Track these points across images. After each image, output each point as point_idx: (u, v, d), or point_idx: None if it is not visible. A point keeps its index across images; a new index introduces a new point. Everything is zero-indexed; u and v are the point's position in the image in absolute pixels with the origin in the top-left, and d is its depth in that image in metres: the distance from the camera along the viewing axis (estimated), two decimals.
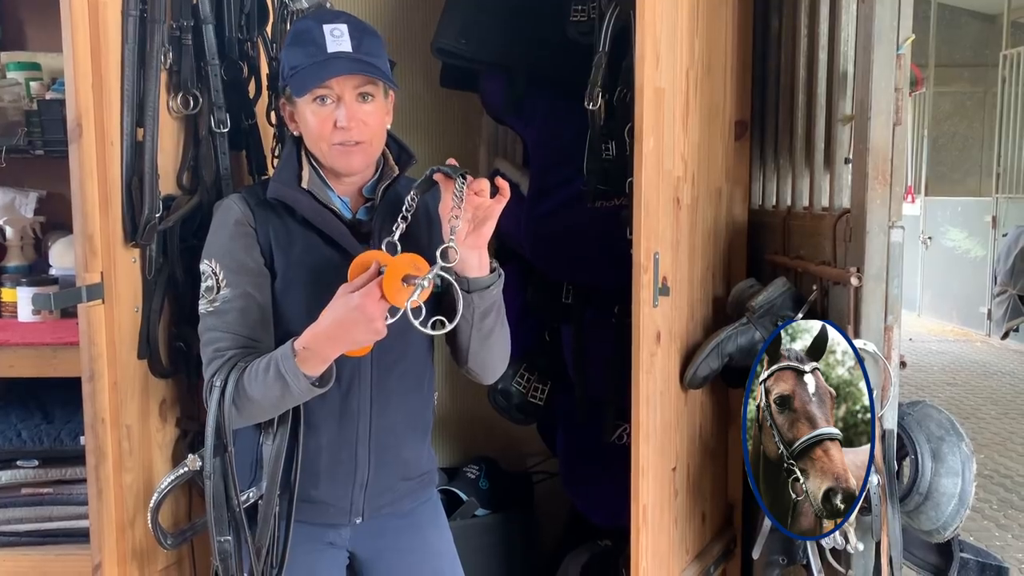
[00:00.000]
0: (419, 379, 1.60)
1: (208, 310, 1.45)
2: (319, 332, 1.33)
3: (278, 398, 1.39)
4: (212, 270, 1.45)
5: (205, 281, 1.45)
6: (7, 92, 2.12)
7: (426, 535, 1.66)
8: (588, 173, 2.04)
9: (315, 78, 1.41)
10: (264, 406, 1.41)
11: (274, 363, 1.36)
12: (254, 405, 1.40)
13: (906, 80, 1.65)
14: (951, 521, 1.68)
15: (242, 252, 1.46)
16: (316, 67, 1.41)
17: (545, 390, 2.46)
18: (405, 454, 1.60)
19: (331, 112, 1.43)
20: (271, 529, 1.49)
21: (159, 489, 1.51)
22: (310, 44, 1.43)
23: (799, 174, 2.14)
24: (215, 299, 1.44)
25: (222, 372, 1.41)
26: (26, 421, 1.91)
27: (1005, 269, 7.34)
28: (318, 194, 1.49)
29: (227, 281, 1.44)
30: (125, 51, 1.53)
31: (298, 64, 1.43)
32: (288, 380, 1.35)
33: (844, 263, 1.74)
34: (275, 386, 1.36)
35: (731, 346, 1.90)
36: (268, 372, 1.37)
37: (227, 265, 1.45)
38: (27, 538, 1.89)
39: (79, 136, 1.47)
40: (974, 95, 10.12)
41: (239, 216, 1.48)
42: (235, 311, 1.44)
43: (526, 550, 2.70)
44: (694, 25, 1.91)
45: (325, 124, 1.43)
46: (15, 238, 2.25)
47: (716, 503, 2.21)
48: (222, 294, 1.44)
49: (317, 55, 1.42)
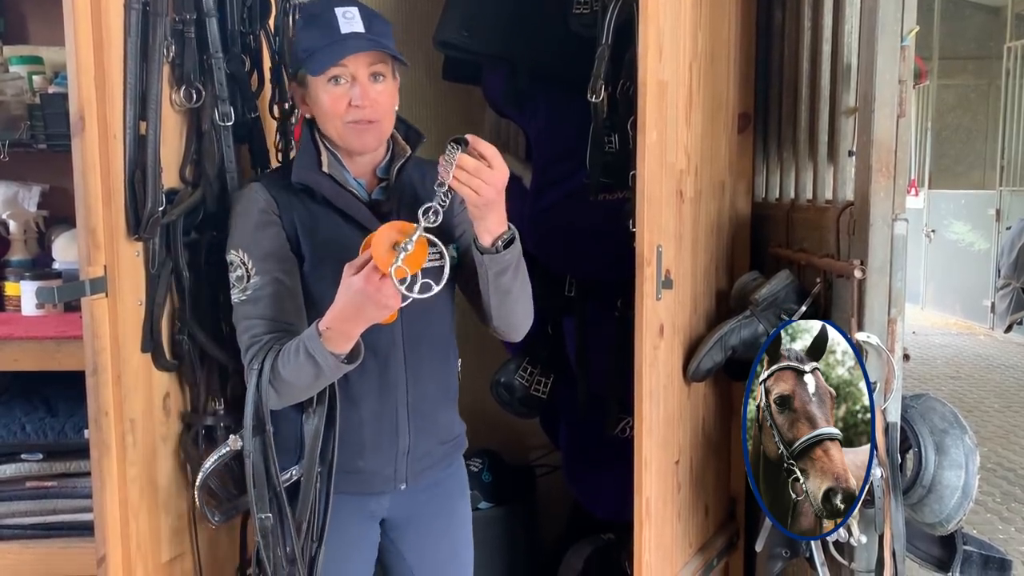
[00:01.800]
0: (445, 348, 1.68)
1: (241, 299, 1.50)
2: (336, 315, 1.38)
3: (312, 377, 1.44)
4: (240, 260, 1.50)
5: (234, 271, 1.51)
6: (9, 86, 2.12)
7: (455, 505, 1.76)
8: (591, 166, 2.04)
9: (332, 56, 1.46)
10: (300, 386, 1.46)
11: (303, 345, 1.41)
12: (290, 386, 1.46)
13: (910, 72, 1.65)
14: (954, 514, 1.68)
15: (269, 240, 1.52)
16: (332, 47, 1.46)
17: (548, 383, 2.46)
18: (441, 419, 1.69)
19: (345, 91, 1.49)
20: (311, 504, 1.55)
21: (204, 469, 1.58)
22: (324, 26, 1.49)
23: (802, 167, 2.14)
24: (246, 287, 1.50)
25: (259, 356, 1.46)
26: (30, 415, 1.91)
27: (1009, 262, 7.33)
28: (337, 177, 1.55)
29: (256, 269, 1.50)
30: (127, 44, 1.53)
31: (312, 46, 1.48)
32: (318, 359, 1.40)
33: (847, 256, 1.73)
34: (307, 366, 1.41)
35: (734, 339, 1.90)
36: (299, 354, 1.42)
37: (255, 254, 1.50)
38: (32, 531, 1.90)
39: (82, 130, 1.47)
40: (978, 87, 10.08)
41: (263, 204, 1.53)
42: (266, 297, 1.49)
43: (529, 543, 2.71)
44: (697, 17, 1.90)
45: (339, 103, 1.49)
46: (18, 232, 2.25)
47: (719, 496, 2.21)
48: (252, 282, 1.49)
49: (331, 36, 1.47)
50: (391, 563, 1.73)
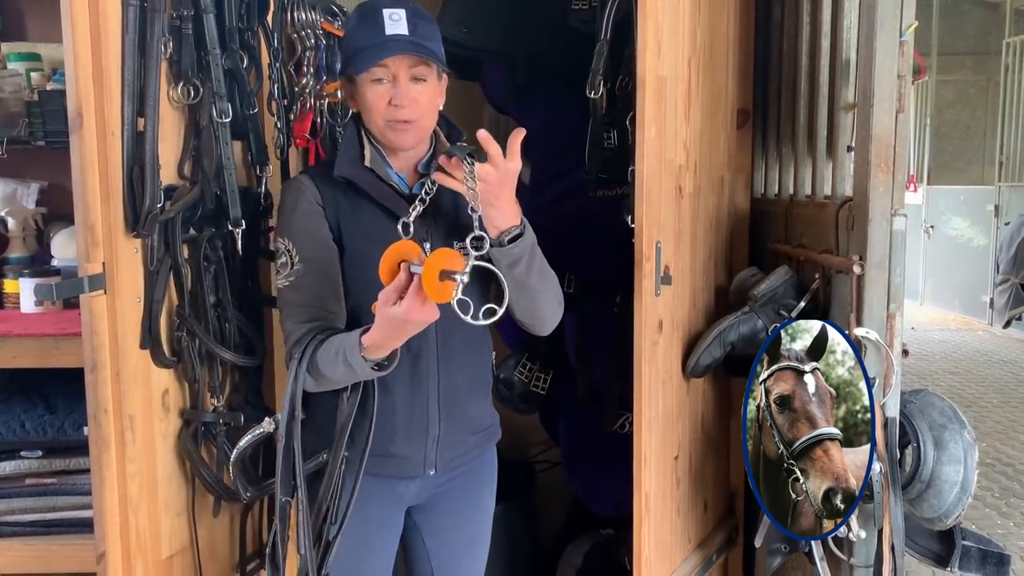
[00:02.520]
0: (479, 342, 1.72)
1: (285, 284, 1.57)
2: (380, 335, 1.43)
3: (346, 379, 1.53)
4: (286, 247, 1.56)
5: (280, 258, 1.57)
6: (7, 83, 2.12)
7: (481, 495, 1.79)
8: (589, 162, 2.04)
9: (373, 57, 1.52)
10: (336, 381, 1.54)
11: (343, 352, 1.48)
12: (326, 379, 1.53)
13: (909, 68, 1.65)
14: (953, 509, 1.68)
15: (312, 229, 1.58)
16: (376, 48, 1.52)
17: (547, 379, 2.47)
18: (471, 410, 1.72)
19: (387, 91, 1.54)
20: (333, 487, 1.58)
21: (239, 447, 1.63)
22: (372, 26, 1.54)
23: (801, 162, 2.14)
24: (291, 274, 1.56)
25: (300, 345, 1.53)
26: (29, 412, 1.91)
27: (1007, 258, 7.33)
28: (379, 171, 1.61)
29: (300, 257, 1.56)
30: (125, 41, 1.52)
31: (359, 45, 1.54)
32: (355, 367, 1.47)
33: (846, 251, 1.73)
34: (343, 369, 1.49)
35: (733, 335, 1.90)
36: (338, 357, 1.49)
37: (300, 242, 1.57)
38: (31, 528, 1.90)
39: (80, 126, 1.46)
40: (977, 83, 10.08)
41: (308, 195, 1.59)
42: (309, 285, 1.56)
43: (528, 539, 2.71)
44: (696, 13, 1.90)
45: (380, 101, 1.54)
46: (17, 229, 2.25)
47: (718, 492, 2.21)
48: (296, 269, 1.56)
49: (376, 37, 1.53)
50: (411, 544, 1.77)
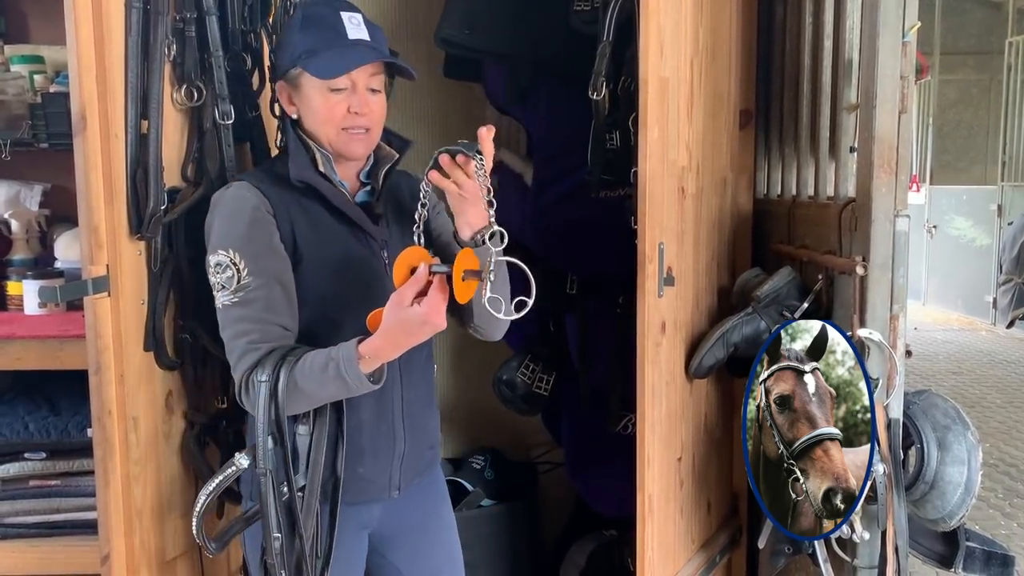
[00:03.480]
0: (429, 352, 1.66)
1: (232, 301, 1.42)
2: (384, 341, 1.35)
3: (333, 395, 1.42)
4: (231, 260, 1.42)
5: (222, 272, 1.42)
6: (11, 85, 2.12)
7: (441, 510, 1.75)
8: (592, 163, 2.04)
9: (343, 63, 1.44)
10: (314, 400, 1.43)
11: (334, 364, 1.36)
12: (304, 399, 1.41)
13: (911, 68, 1.65)
14: (957, 510, 1.68)
15: (263, 239, 1.45)
16: (343, 52, 1.44)
17: (550, 380, 2.46)
18: (429, 424, 1.67)
19: (344, 98, 1.47)
20: (314, 515, 1.47)
21: (206, 492, 1.44)
22: (327, 29, 1.46)
23: (804, 163, 2.13)
24: (238, 289, 1.42)
25: (265, 366, 1.39)
26: (33, 414, 1.92)
27: (1010, 258, 7.32)
28: (331, 178, 1.53)
29: (249, 269, 1.42)
30: (129, 43, 1.53)
31: (316, 47, 1.45)
32: (349, 381, 1.36)
33: (849, 252, 1.73)
34: (333, 384, 1.38)
35: (736, 336, 1.90)
36: (326, 372, 1.37)
37: (248, 253, 1.43)
38: (35, 530, 1.90)
39: (83, 129, 1.47)
40: (979, 83, 10.07)
41: (255, 202, 1.46)
42: (261, 300, 1.42)
43: (531, 540, 2.71)
44: (698, 14, 1.90)
45: (337, 108, 1.47)
46: (20, 231, 2.25)
47: (721, 493, 2.21)
48: (244, 283, 1.42)
49: (337, 41, 1.45)
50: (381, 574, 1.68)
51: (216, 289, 1.44)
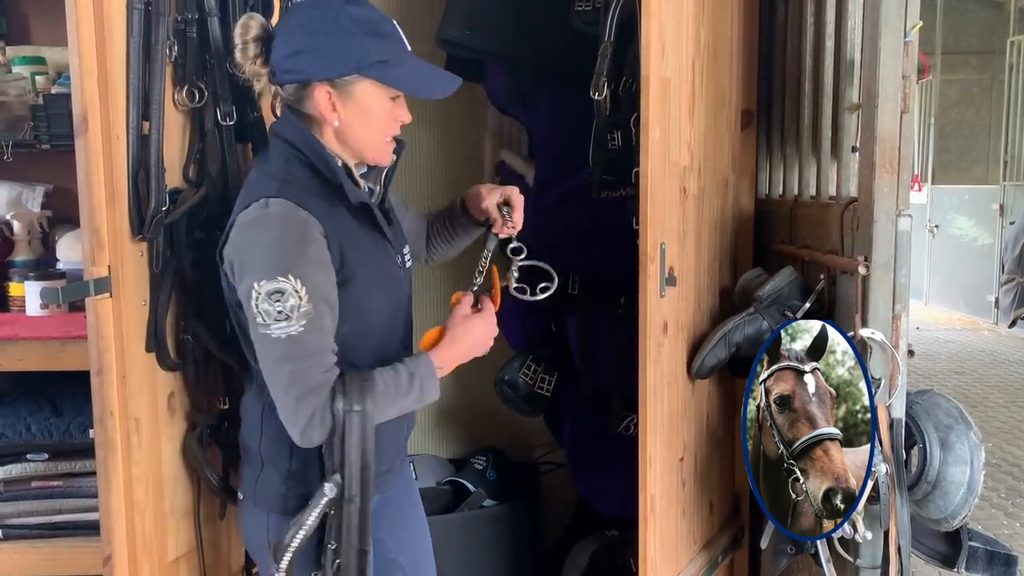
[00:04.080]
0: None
1: (296, 331, 1.36)
2: (456, 353, 1.54)
3: (406, 409, 1.51)
4: (293, 287, 1.36)
5: (284, 301, 1.35)
6: (12, 86, 2.12)
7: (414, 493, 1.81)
8: (593, 163, 2.04)
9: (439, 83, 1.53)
10: (387, 417, 1.47)
11: (418, 381, 1.47)
12: (380, 418, 1.44)
13: (913, 67, 1.64)
14: (959, 510, 1.67)
15: (320, 263, 1.41)
16: (418, 67, 1.49)
17: (551, 381, 2.46)
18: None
19: (397, 107, 1.51)
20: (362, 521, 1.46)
21: (305, 526, 1.42)
22: (393, 39, 1.47)
23: (806, 163, 2.13)
24: (300, 317, 1.36)
25: (351, 395, 1.39)
26: (35, 415, 1.92)
27: (1012, 257, 7.31)
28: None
29: (309, 296, 1.37)
30: (130, 44, 1.53)
31: (388, 58, 1.44)
32: (426, 395, 1.49)
33: (851, 252, 1.73)
34: (412, 400, 1.48)
35: (738, 336, 1.89)
36: (411, 391, 1.47)
37: (307, 278, 1.38)
38: (38, 531, 1.90)
39: (85, 130, 1.47)
40: (981, 82, 10.07)
41: (310, 223, 1.41)
42: (321, 327, 1.40)
43: (533, 541, 2.71)
44: (700, 14, 1.90)
45: (390, 117, 1.50)
46: (22, 232, 2.26)
47: (724, 493, 2.21)
48: (305, 311, 1.37)
49: (406, 53, 1.48)
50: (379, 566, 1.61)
51: (273, 318, 1.36)
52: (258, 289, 1.36)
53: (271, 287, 1.36)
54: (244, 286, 1.39)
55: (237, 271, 1.41)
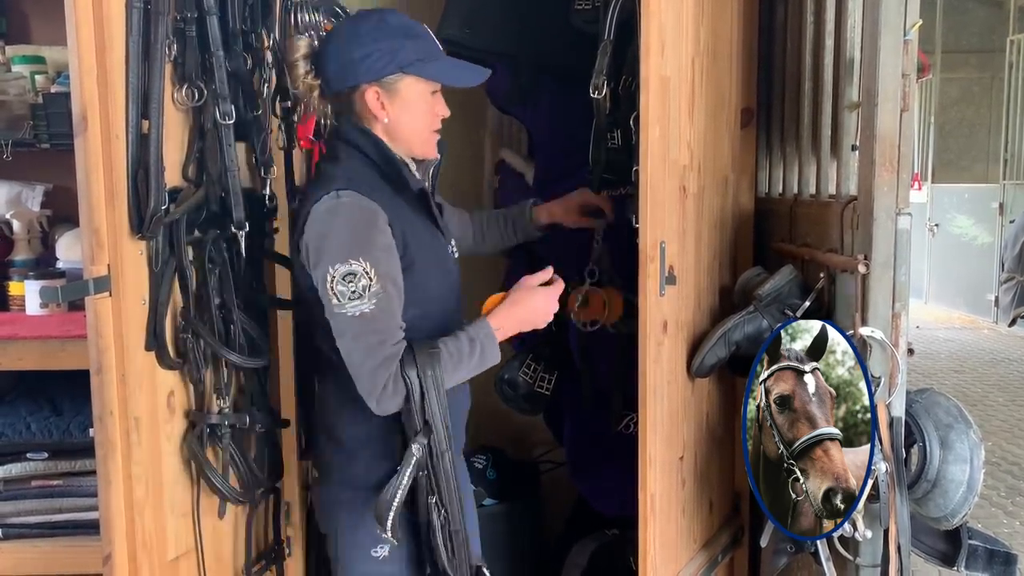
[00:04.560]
0: None
1: (369, 308, 1.52)
2: (514, 319, 1.63)
3: (470, 374, 1.62)
4: (364, 269, 1.52)
5: (356, 281, 1.51)
6: (12, 86, 2.12)
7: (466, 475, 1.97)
8: (593, 162, 2.04)
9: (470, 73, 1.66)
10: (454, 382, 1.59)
11: (479, 346, 1.58)
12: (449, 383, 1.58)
13: (913, 66, 1.64)
14: (959, 509, 1.67)
15: (386, 245, 1.57)
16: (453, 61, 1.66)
17: (551, 380, 2.46)
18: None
19: (436, 101, 1.66)
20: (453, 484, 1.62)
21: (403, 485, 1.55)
22: (427, 39, 1.64)
23: (805, 161, 2.13)
24: (372, 296, 1.52)
25: (422, 362, 1.53)
26: (35, 414, 1.92)
27: (1012, 256, 7.32)
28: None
29: (379, 276, 1.53)
30: (129, 43, 1.53)
31: (425, 56, 1.61)
32: (488, 359, 1.60)
33: (851, 250, 1.73)
34: (475, 364, 1.59)
35: (738, 334, 1.89)
36: (473, 355, 1.58)
37: (376, 260, 1.53)
38: (37, 530, 1.90)
39: (84, 129, 1.47)
40: (981, 81, 10.07)
41: (377, 211, 1.57)
42: (390, 304, 1.55)
43: (533, 539, 2.71)
44: (699, 13, 1.90)
45: (432, 110, 1.65)
46: (22, 231, 2.26)
47: (723, 492, 2.21)
48: (375, 290, 1.52)
49: (438, 49, 1.65)
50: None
51: (347, 298, 1.52)
52: (332, 272, 1.52)
53: (344, 270, 1.52)
54: (320, 271, 1.54)
55: (312, 257, 1.56)
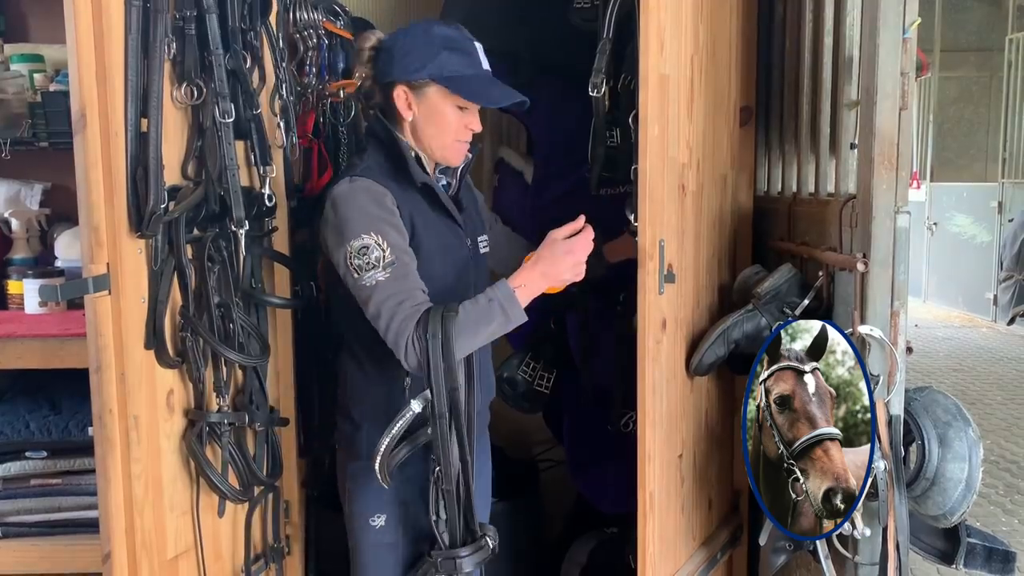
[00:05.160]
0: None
1: (385, 276, 1.60)
2: (534, 272, 1.64)
3: (493, 333, 1.63)
4: (376, 242, 1.61)
5: (369, 254, 1.61)
6: (11, 84, 2.12)
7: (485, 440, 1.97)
8: (592, 160, 2.04)
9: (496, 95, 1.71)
10: (477, 342, 1.62)
11: (497, 304, 1.60)
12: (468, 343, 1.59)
13: (912, 64, 1.65)
14: (958, 506, 1.68)
15: (395, 222, 1.66)
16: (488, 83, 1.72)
17: (551, 378, 2.46)
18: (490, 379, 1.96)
19: (466, 116, 1.72)
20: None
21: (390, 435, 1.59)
22: (469, 55, 1.72)
23: (804, 160, 2.13)
24: (387, 265, 1.61)
25: (434, 324, 1.56)
26: (34, 412, 1.92)
27: (1011, 254, 7.33)
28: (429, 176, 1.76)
29: (392, 247, 1.62)
30: (128, 42, 1.53)
31: (460, 72, 1.69)
32: (511, 315, 1.60)
33: (850, 249, 1.73)
34: (497, 323, 1.60)
35: (737, 333, 1.90)
36: (491, 313, 1.59)
37: (387, 233, 1.63)
38: (37, 528, 1.90)
39: (83, 127, 1.47)
40: (980, 79, 10.06)
41: (385, 192, 1.66)
42: (407, 271, 1.63)
43: (532, 537, 2.71)
44: (698, 11, 1.90)
45: (459, 122, 1.72)
46: (21, 230, 2.25)
47: (722, 490, 2.21)
48: (390, 260, 1.61)
49: (477, 69, 1.72)
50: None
51: (364, 270, 1.61)
52: (349, 248, 1.62)
53: (359, 244, 1.62)
54: (340, 250, 1.64)
55: (332, 237, 1.66)
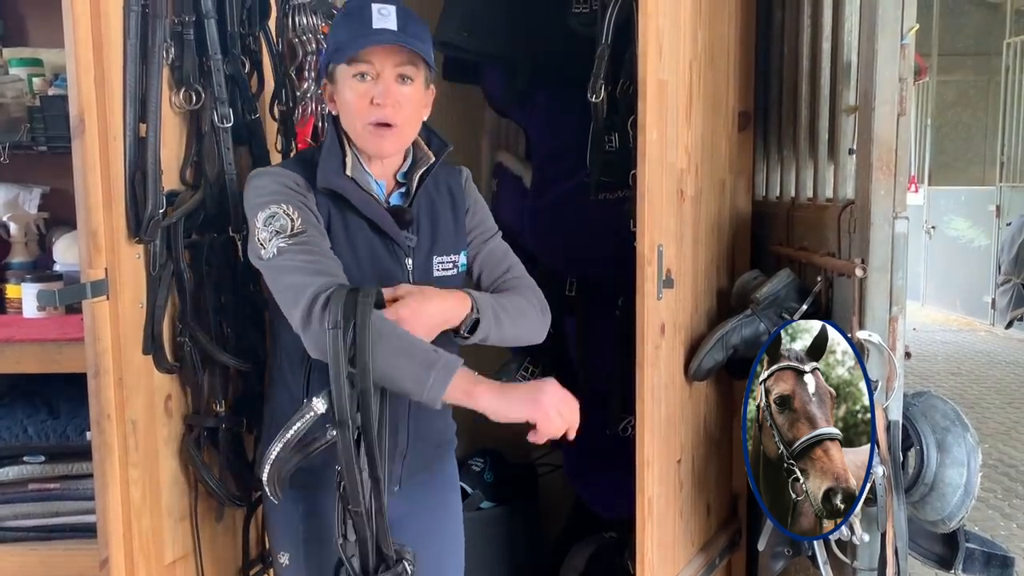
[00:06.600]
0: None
1: (286, 245, 1.40)
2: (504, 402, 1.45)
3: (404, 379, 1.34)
4: (284, 211, 1.42)
5: (274, 222, 1.41)
6: (9, 88, 2.12)
7: (447, 498, 1.77)
8: (591, 165, 2.04)
9: (355, 46, 1.44)
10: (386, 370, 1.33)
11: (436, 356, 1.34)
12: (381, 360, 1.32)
13: (910, 69, 1.65)
14: (956, 511, 1.68)
15: (310, 208, 1.47)
16: (362, 39, 1.44)
17: None
18: (437, 424, 1.70)
19: (369, 88, 1.46)
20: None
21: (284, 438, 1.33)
22: (357, 21, 1.46)
23: (803, 165, 2.14)
24: (294, 234, 1.40)
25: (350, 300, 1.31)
26: (32, 417, 1.91)
27: (1009, 258, 7.33)
28: (360, 180, 1.51)
29: (302, 220, 1.42)
30: (127, 46, 1.53)
31: (342, 38, 1.47)
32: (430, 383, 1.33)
33: (848, 254, 1.73)
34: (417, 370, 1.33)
35: (735, 338, 1.90)
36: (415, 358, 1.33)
37: (298, 207, 1.44)
38: (34, 533, 1.89)
39: (82, 132, 1.47)
40: (977, 84, 10.09)
41: (301, 181, 1.48)
42: (318, 244, 1.43)
43: (531, 542, 2.71)
44: (697, 16, 1.90)
45: (362, 100, 1.46)
46: (19, 234, 2.25)
47: (721, 495, 2.21)
48: (299, 230, 1.41)
49: (363, 30, 1.45)
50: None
51: (270, 238, 1.41)
52: (257, 222, 1.43)
53: (265, 214, 1.43)
54: (251, 230, 1.45)
55: (249, 221, 1.47)
